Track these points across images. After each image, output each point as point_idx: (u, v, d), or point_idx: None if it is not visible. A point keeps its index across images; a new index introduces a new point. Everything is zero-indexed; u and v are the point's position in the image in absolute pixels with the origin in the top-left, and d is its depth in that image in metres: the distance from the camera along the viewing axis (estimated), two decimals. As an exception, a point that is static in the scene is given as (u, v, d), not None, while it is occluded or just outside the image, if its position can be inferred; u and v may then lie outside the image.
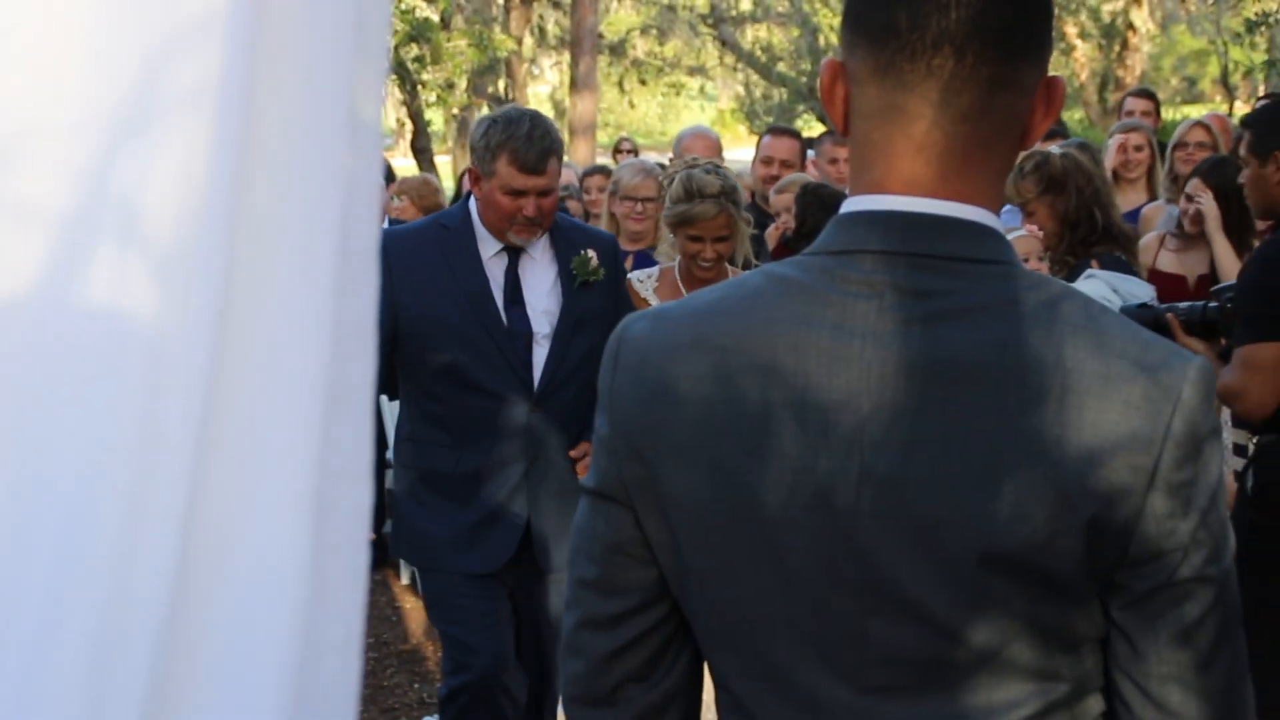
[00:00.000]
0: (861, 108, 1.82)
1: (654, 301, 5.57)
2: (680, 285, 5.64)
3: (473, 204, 5.01)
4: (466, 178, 5.07)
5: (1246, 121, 5.58)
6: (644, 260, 6.61)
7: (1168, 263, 7.21)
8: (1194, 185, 7.12)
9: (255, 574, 1.33)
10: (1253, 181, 5.28)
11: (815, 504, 1.77)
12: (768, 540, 1.80)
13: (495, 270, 4.98)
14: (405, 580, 8.41)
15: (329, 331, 1.34)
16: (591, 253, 5.05)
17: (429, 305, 4.89)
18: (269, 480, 1.32)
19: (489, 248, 4.97)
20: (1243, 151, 5.35)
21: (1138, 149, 8.57)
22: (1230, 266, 6.85)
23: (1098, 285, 5.48)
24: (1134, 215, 7.99)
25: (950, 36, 1.74)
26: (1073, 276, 5.70)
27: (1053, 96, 1.82)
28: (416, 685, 7.00)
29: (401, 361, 5.01)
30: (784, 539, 1.79)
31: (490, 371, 4.89)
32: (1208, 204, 6.98)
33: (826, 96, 1.86)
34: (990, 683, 1.77)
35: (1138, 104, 9.93)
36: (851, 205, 1.83)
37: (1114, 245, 5.96)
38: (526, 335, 4.93)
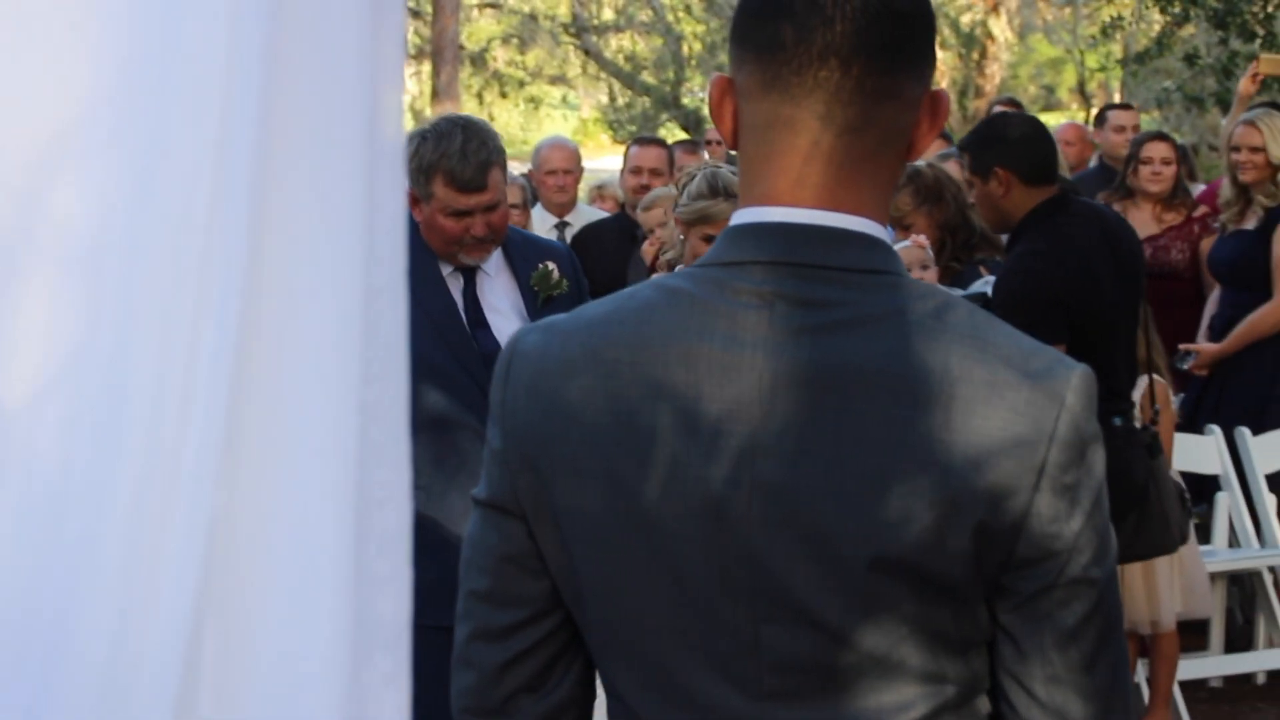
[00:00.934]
0: (749, 121, 1.85)
1: None
2: None
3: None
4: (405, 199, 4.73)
5: (962, 145, 5.76)
6: None
7: None
8: None
9: (296, 590, 1.33)
10: (981, 200, 5.49)
11: (707, 513, 1.79)
12: (661, 551, 1.81)
13: (453, 291, 4.62)
14: None
15: (358, 347, 1.33)
16: (551, 265, 4.69)
17: None
18: (304, 495, 1.32)
19: (443, 268, 4.62)
20: (965, 175, 5.54)
21: None
22: None
23: None
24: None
25: (835, 50, 1.78)
26: (958, 282, 5.83)
27: (937, 109, 1.87)
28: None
29: None
30: (677, 549, 1.81)
31: (459, 402, 4.48)
32: None
33: (715, 111, 1.89)
34: (880, 686, 1.80)
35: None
36: (741, 217, 1.85)
37: (992, 250, 6.10)
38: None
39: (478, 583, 1.95)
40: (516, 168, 10.98)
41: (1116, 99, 24.65)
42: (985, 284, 5.70)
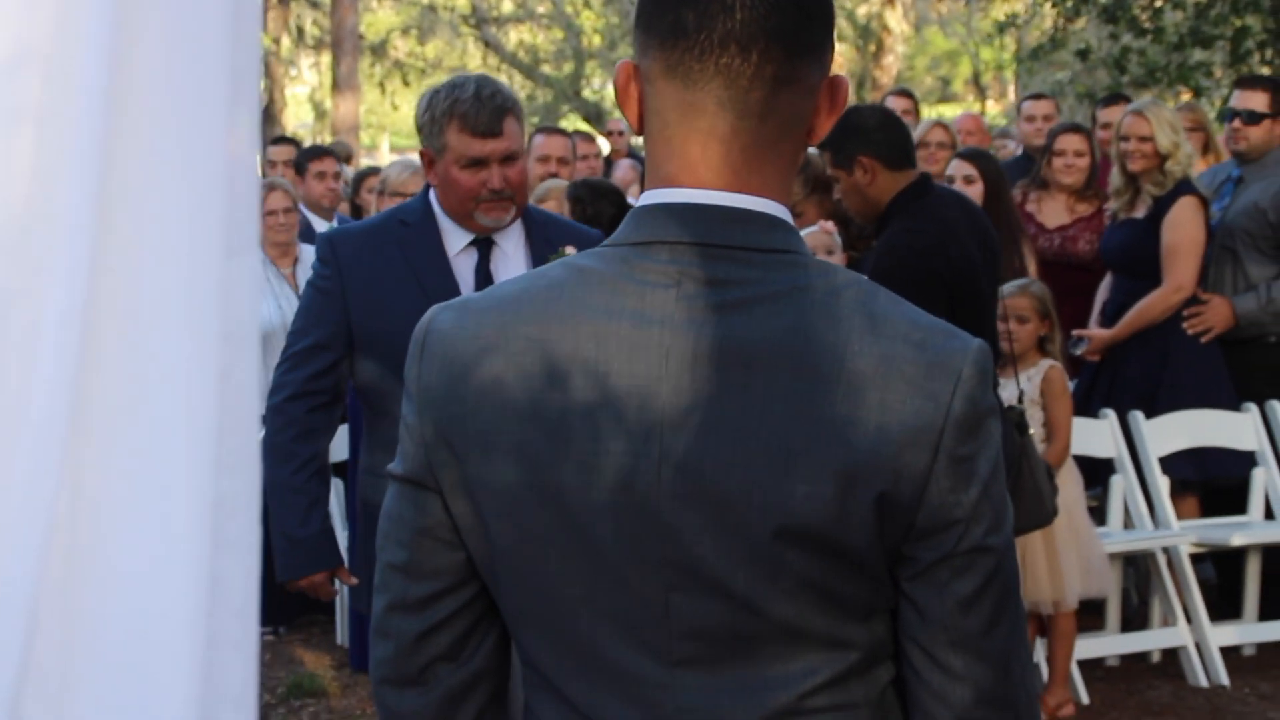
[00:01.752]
0: (654, 106, 1.89)
1: None
2: None
3: (433, 196, 4.38)
4: (420, 159, 4.42)
5: (821, 145, 5.89)
6: None
7: None
8: (956, 166, 7.49)
9: (149, 583, 1.34)
10: (848, 193, 5.60)
11: (618, 486, 1.83)
12: (573, 523, 1.86)
13: (464, 268, 4.34)
14: (340, 639, 7.84)
15: (214, 338, 1.35)
16: (570, 249, 4.22)
17: (389, 316, 4.18)
18: (159, 461, 1.33)
19: (456, 242, 4.34)
20: (829, 172, 5.65)
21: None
22: None
23: None
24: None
25: (735, 36, 1.82)
26: (858, 270, 5.92)
27: (836, 95, 1.92)
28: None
29: (359, 383, 4.39)
30: (589, 521, 1.85)
31: None
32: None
33: (622, 96, 1.93)
34: (787, 653, 1.85)
35: (898, 103, 10.21)
36: (649, 198, 1.90)
37: None
38: None
39: (395, 555, 1.98)
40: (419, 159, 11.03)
41: (1010, 91, 24.88)
42: None
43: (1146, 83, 14.96)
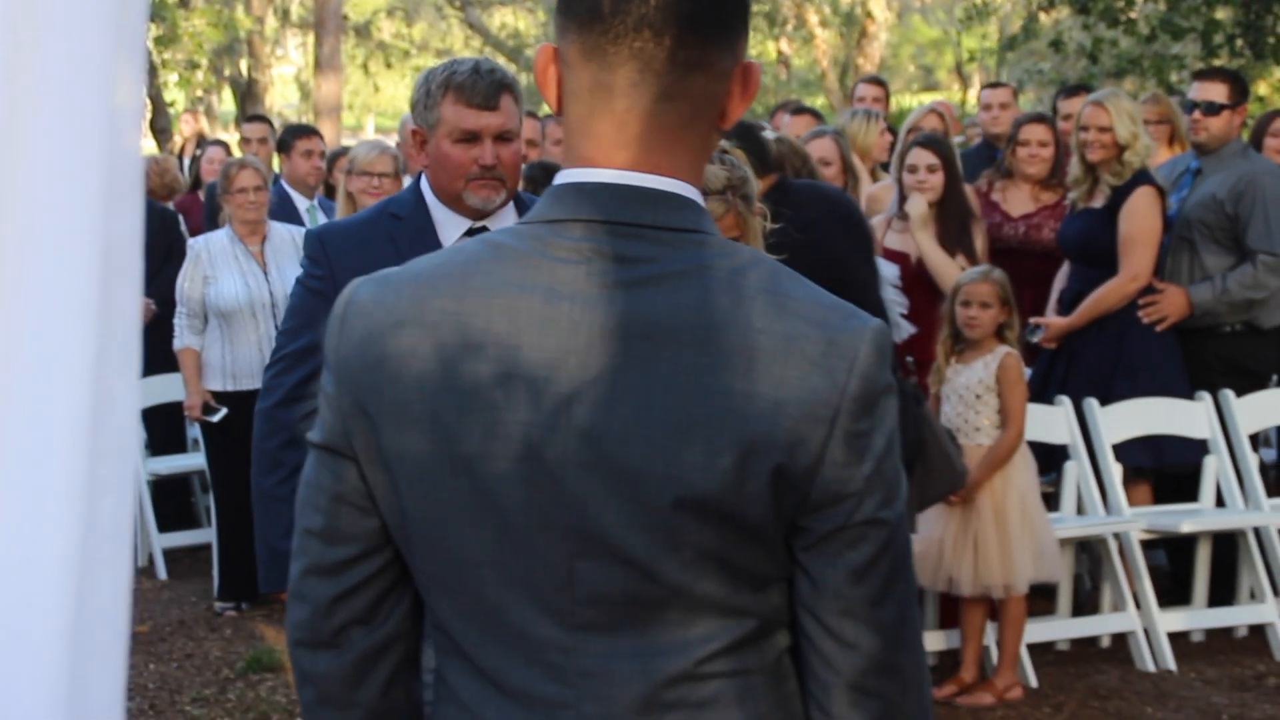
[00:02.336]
0: (572, 88, 1.95)
1: None
2: None
3: (425, 186, 4.23)
4: (412, 139, 4.24)
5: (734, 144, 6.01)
6: None
7: (894, 242, 7.56)
8: (917, 155, 7.56)
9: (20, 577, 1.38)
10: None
11: (526, 456, 1.89)
12: (483, 491, 1.91)
13: None
14: None
15: (91, 311, 1.38)
16: None
17: None
18: (37, 404, 1.37)
19: (450, 233, 4.18)
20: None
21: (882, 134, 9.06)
22: (937, 260, 7.33)
23: None
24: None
25: (649, 21, 1.88)
26: None
27: (748, 81, 1.97)
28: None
29: None
30: (498, 489, 1.90)
31: None
32: (915, 204, 7.44)
33: (541, 78, 1.99)
34: (685, 619, 1.91)
35: (869, 90, 10.30)
36: (563, 178, 1.96)
37: None
38: None
39: (311, 521, 2.03)
40: (392, 139, 11.08)
41: (993, 77, 24.92)
42: None
43: (1122, 74, 14.99)
